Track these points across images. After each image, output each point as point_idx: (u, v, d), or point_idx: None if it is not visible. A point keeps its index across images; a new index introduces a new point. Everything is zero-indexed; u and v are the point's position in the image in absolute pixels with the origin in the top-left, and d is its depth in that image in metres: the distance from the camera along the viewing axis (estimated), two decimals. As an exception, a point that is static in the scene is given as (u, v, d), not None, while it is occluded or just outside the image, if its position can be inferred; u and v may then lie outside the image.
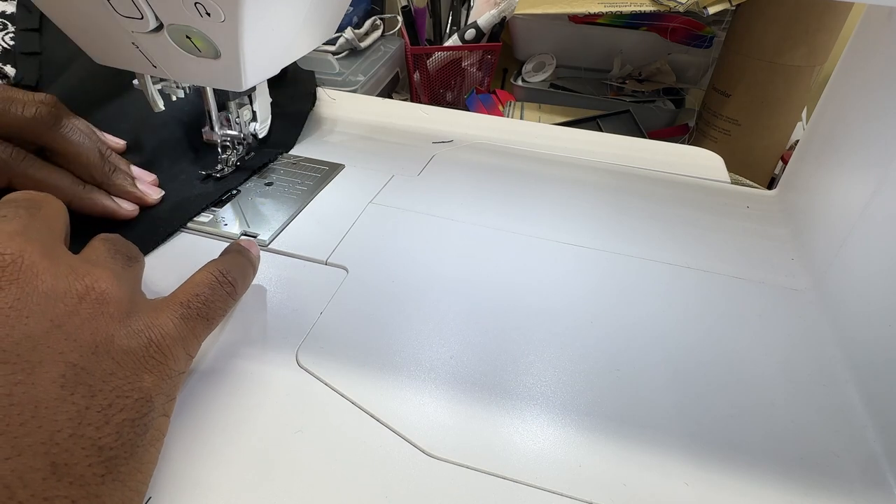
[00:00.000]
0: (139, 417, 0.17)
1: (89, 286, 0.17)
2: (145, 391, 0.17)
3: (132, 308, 0.18)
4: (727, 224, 0.38)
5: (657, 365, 0.27)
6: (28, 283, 0.16)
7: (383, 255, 0.32)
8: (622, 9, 0.69)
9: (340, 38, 0.74)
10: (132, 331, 0.18)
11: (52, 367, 0.15)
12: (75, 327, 0.16)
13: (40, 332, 0.15)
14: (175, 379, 0.19)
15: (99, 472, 0.15)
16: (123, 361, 0.17)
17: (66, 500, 0.14)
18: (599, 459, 0.22)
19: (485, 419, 0.24)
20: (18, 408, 0.14)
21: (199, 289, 0.22)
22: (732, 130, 0.75)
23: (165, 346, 0.19)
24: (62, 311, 0.16)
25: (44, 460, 0.14)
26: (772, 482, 0.22)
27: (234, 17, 0.22)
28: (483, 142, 0.46)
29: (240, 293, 0.25)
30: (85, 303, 0.17)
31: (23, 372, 0.15)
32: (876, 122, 0.31)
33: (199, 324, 0.21)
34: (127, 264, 0.21)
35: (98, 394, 0.16)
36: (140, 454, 0.17)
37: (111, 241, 0.22)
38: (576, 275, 0.32)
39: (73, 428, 0.15)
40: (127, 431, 0.16)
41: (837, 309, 0.30)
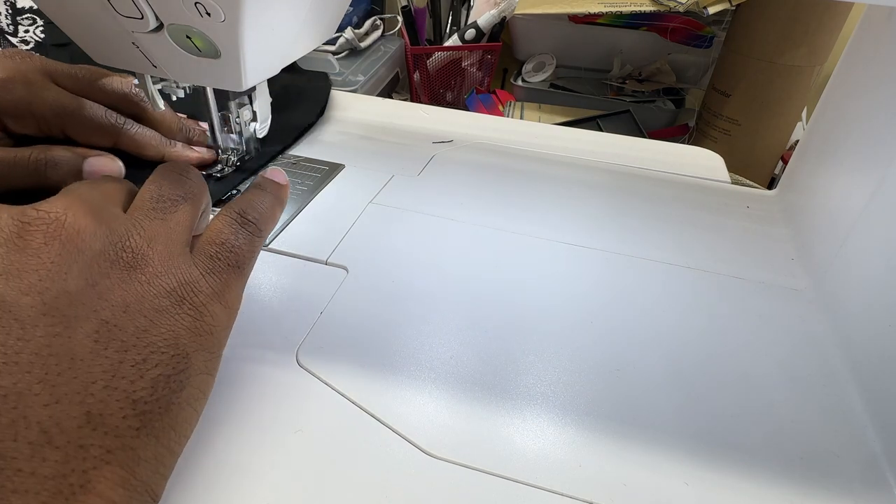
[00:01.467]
0: (174, 374, 0.17)
1: (122, 248, 0.18)
2: (181, 348, 0.17)
3: (164, 267, 0.18)
4: (727, 224, 0.38)
5: (657, 365, 0.27)
6: (69, 242, 0.17)
7: (383, 255, 0.32)
8: (622, 9, 0.69)
9: (340, 38, 0.74)
10: (163, 290, 0.18)
11: (87, 322, 0.16)
12: (107, 288, 0.17)
13: (76, 289, 0.16)
14: (216, 335, 0.19)
15: (133, 425, 0.16)
16: (156, 319, 0.17)
17: (101, 450, 0.15)
18: (599, 459, 0.22)
19: (485, 419, 0.24)
20: (56, 358, 0.15)
21: (221, 237, 0.21)
22: (732, 130, 0.75)
23: (199, 302, 0.19)
24: (96, 272, 0.17)
25: (79, 409, 0.15)
26: (772, 482, 0.22)
27: (234, 17, 0.22)
28: (483, 142, 0.46)
29: (266, 231, 0.23)
30: (116, 266, 0.17)
31: (61, 325, 0.15)
32: (876, 122, 0.31)
33: (229, 274, 0.20)
34: (171, 210, 0.20)
35: (131, 349, 0.16)
36: (175, 411, 0.17)
37: (159, 184, 0.21)
38: (576, 275, 0.32)
39: (107, 380, 0.15)
40: (161, 387, 0.16)
41: (837, 309, 0.30)
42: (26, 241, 0.16)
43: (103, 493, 0.15)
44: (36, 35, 0.48)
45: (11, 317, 0.15)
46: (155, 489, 0.17)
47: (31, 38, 0.48)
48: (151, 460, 0.16)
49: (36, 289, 0.16)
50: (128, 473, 0.15)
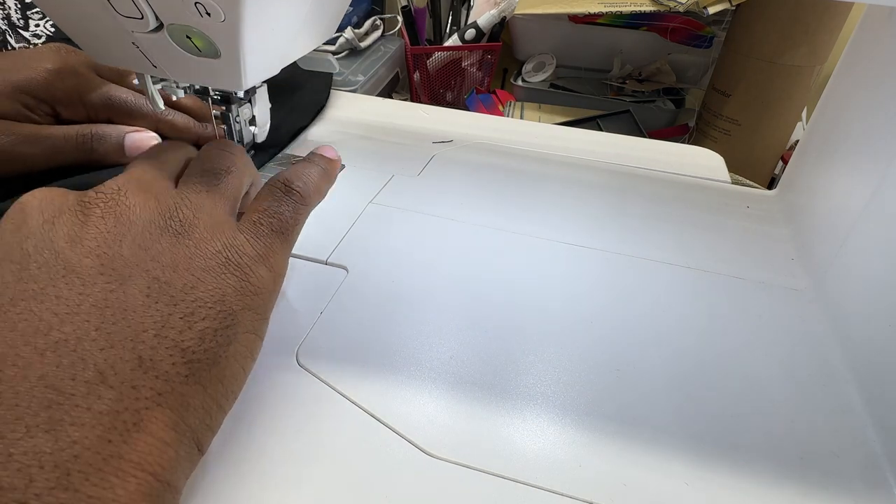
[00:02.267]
0: (221, 328, 0.18)
1: (170, 217, 0.20)
2: (227, 304, 0.19)
3: (210, 232, 0.20)
4: (727, 224, 0.38)
5: (657, 365, 0.27)
6: (122, 215, 0.19)
7: (383, 255, 0.32)
8: (622, 9, 0.69)
9: (340, 37, 0.74)
10: (209, 252, 0.19)
11: (139, 280, 0.18)
12: (157, 252, 0.19)
13: (129, 253, 0.18)
14: (261, 296, 0.20)
15: (182, 373, 0.17)
16: (203, 278, 0.19)
17: (152, 391, 0.16)
18: (599, 459, 0.22)
19: (485, 419, 0.24)
20: (111, 310, 0.17)
21: (264, 204, 0.23)
22: (732, 130, 0.75)
23: (244, 264, 0.20)
24: (147, 238, 0.19)
25: (132, 353, 0.16)
26: (772, 482, 0.22)
27: (234, 17, 0.22)
28: (483, 142, 0.46)
29: (311, 200, 0.25)
30: (166, 233, 0.19)
31: (115, 282, 0.17)
32: (876, 122, 0.31)
33: (273, 239, 0.22)
34: (215, 182, 0.22)
35: (180, 303, 0.18)
36: (222, 364, 0.18)
37: (205, 158, 0.23)
38: (576, 274, 0.32)
39: (157, 329, 0.17)
40: (209, 339, 0.18)
41: (837, 309, 0.30)
42: (87, 215, 0.19)
43: (155, 432, 0.16)
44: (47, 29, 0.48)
45: (74, 275, 0.17)
46: (202, 440, 0.18)
47: (42, 31, 0.48)
48: (199, 409, 0.18)
49: (94, 252, 0.18)
50: (177, 417, 0.17)
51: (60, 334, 0.16)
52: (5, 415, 0.14)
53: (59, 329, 0.16)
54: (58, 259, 0.17)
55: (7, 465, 0.14)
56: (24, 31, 0.47)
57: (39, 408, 0.15)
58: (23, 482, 0.14)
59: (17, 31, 0.47)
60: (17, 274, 0.17)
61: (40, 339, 0.16)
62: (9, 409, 0.15)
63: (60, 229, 0.18)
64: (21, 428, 0.14)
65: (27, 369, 0.15)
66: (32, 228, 0.18)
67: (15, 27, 0.47)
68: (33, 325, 0.16)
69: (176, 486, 0.17)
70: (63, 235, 0.18)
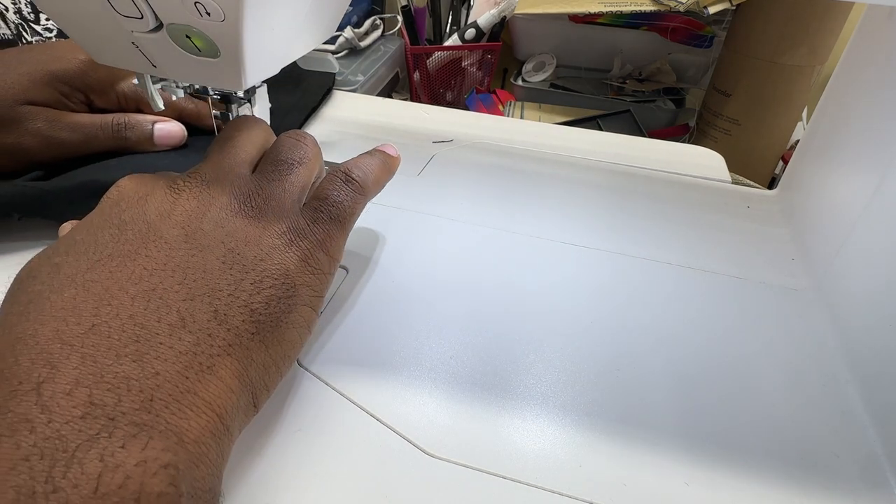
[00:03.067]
0: (284, 297, 0.21)
1: (245, 202, 0.22)
2: (290, 277, 0.21)
3: (277, 216, 0.22)
4: (727, 224, 0.38)
5: (657, 365, 0.27)
6: (204, 197, 0.22)
7: (383, 255, 0.32)
8: (622, 8, 0.69)
9: (340, 37, 0.74)
10: (276, 232, 0.22)
11: (216, 249, 0.20)
12: (233, 228, 0.21)
13: (209, 228, 0.21)
14: (319, 276, 0.23)
15: (250, 330, 0.19)
16: (271, 253, 0.21)
17: (223, 342, 0.18)
18: (599, 459, 0.22)
19: (485, 419, 0.24)
20: (192, 270, 0.19)
21: (324, 192, 0.25)
22: (733, 130, 0.75)
23: (305, 247, 0.22)
24: (224, 218, 0.21)
25: (209, 307, 0.19)
26: (772, 482, 0.22)
27: (234, 17, 0.22)
28: (483, 142, 0.46)
29: (370, 190, 0.27)
30: (240, 215, 0.22)
31: (196, 249, 0.20)
32: (876, 122, 0.31)
33: (330, 226, 0.24)
34: (287, 173, 0.24)
35: (250, 272, 0.20)
36: (283, 329, 0.21)
37: (279, 148, 0.25)
38: (576, 274, 0.32)
39: (230, 290, 0.19)
40: (273, 304, 0.20)
41: (837, 309, 0.30)
42: (175, 196, 0.22)
43: (224, 378, 0.18)
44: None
45: (163, 241, 0.20)
46: (258, 396, 0.20)
47: (53, 25, 0.49)
48: (260, 366, 0.20)
49: (180, 225, 0.21)
50: (242, 369, 0.19)
51: (149, 284, 0.18)
52: (99, 343, 0.16)
53: (147, 280, 0.19)
54: (150, 228, 0.20)
55: (99, 384, 0.16)
56: (36, 24, 0.48)
57: (129, 340, 0.17)
58: (113, 400, 0.15)
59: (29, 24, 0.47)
60: (116, 237, 0.20)
61: (132, 287, 0.18)
62: (102, 339, 0.17)
63: (152, 205, 0.21)
64: (112, 356, 0.16)
65: (120, 309, 0.18)
66: (130, 203, 0.21)
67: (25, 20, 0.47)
68: (126, 276, 0.18)
69: (232, 433, 0.18)
70: (154, 210, 0.21)
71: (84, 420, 0.15)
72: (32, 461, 0.14)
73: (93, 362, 0.16)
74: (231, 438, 0.18)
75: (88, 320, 0.17)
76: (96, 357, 0.16)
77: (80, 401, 0.15)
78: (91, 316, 0.17)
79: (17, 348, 0.16)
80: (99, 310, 0.17)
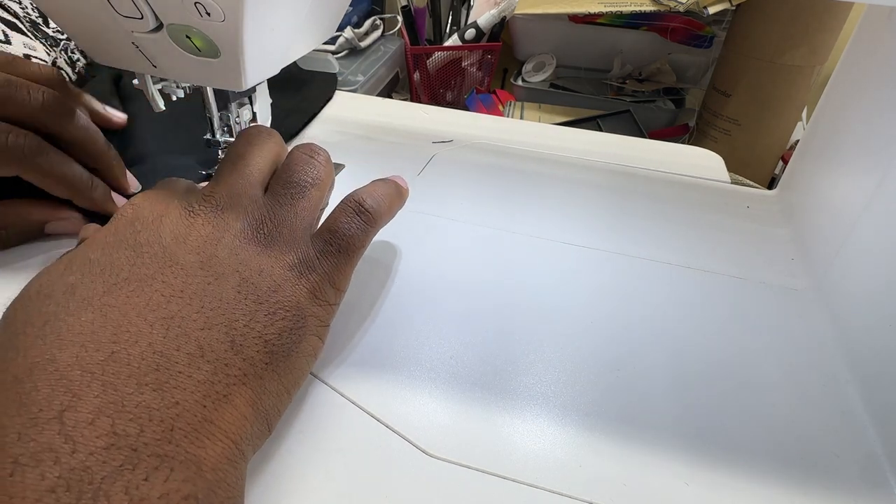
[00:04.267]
0: (295, 328, 0.21)
1: (257, 230, 0.22)
2: (301, 309, 0.21)
3: (288, 247, 0.22)
4: (727, 224, 0.38)
5: (657, 365, 0.27)
6: (221, 223, 0.22)
7: (383, 255, 0.32)
8: (622, 9, 0.69)
9: (340, 37, 0.74)
10: (287, 264, 0.22)
11: (232, 278, 0.20)
12: (246, 257, 0.21)
13: (224, 256, 0.21)
14: (325, 308, 0.23)
15: (264, 360, 0.19)
16: (283, 284, 0.21)
17: (239, 371, 0.19)
18: (599, 459, 0.22)
19: (485, 419, 0.24)
20: (210, 298, 0.19)
21: (336, 224, 0.24)
22: (732, 130, 0.75)
23: (313, 280, 0.22)
24: (237, 245, 0.21)
25: (226, 337, 0.19)
26: (772, 482, 0.22)
27: (234, 17, 0.22)
28: (483, 142, 0.46)
29: (381, 220, 0.26)
30: (253, 243, 0.22)
31: (212, 277, 0.20)
32: (876, 122, 0.31)
33: (339, 258, 0.23)
34: (299, 196, 0.24)
35: (264, 302, 0.20)
36: (294, 358, 0.21)
37: (292, 169, 0.25)
38: (576, 275, 0.32)
39: (246, 321, 0.19)
40: (286, 335, 0.20)
41: (837, 309, 0.30)
42: (191, 221, 0.21)
43: (239, 406, 0.18)
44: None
45: (179, 267, 0.20)
46: (271, 421, 0.20)
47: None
48: (273, 394, 0.20)
49: (196, 251, 0.20)
50: (256, 397, 0.19)
51: (167, 312, 0.18)
52: (119, 371, 0.16)
53: (165, 308, 0.18)
54: (165, 252, 0.20)
55: (121, 414, 0.15)
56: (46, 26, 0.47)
57: (149, 369, 0.17)
58: (135, 430, 0.15)
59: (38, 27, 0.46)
60: (133, 259, 0.20)
61: (150, 314, 0.18)
62: (122, 367, 0.16)
63: (167, 227, 0.21)
64: (133, 384, 0.16)
65: (139, 336, 0.17)
66: (145, 223, 0.21)
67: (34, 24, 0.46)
68: (144, 301, 0.18)
69: (247, 456, 0.19)
70: (169, 233, 0.21)
71: (108, 451, 0.14)
72: (59, 493, 0.13)
73: (114, 391, 0.16)
74: (246, 461, 0.18)
75: (108, 347, 0.17)
76: (117, 385, 0.16)
77: (103, 431, 0.15)
78: (110, 342, 0.17)
79: (36, 374, 0.16)
80: (118, 336, 0.17)
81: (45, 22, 0.47)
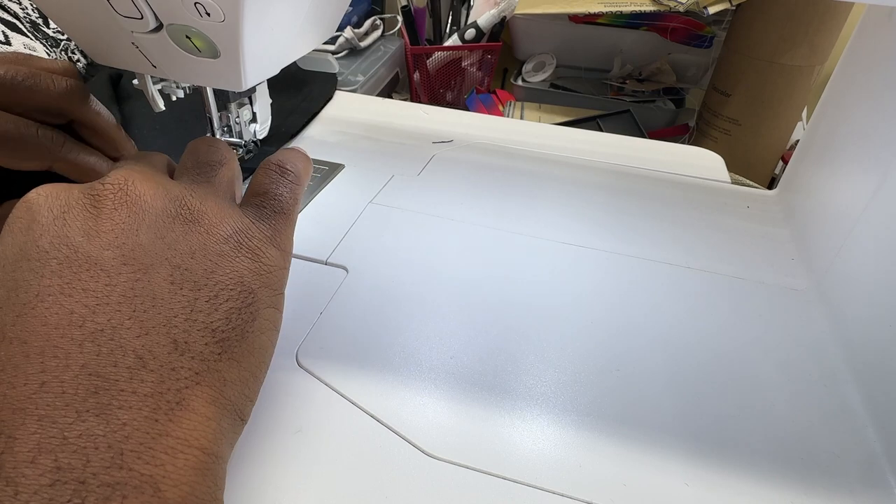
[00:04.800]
0: (244, 306, 0.19)
1: (180, 206, 0.20)
2: (246, 284, 0.20)
3: (218, 218, 0.21)
4: (727, 224, 0.38)
5: (657, 365, 0.27)
6: (135, 205, 0.19)
7: (383, 255, 0.32)
8: (622, 9, 0.69)
9: (340, 37, 0.74)
10: (221, 237, 0.20)
11: (162, 268, 0.18)
12: (173, 240, 0.19)
13: (148, 242, 0.19)
14: (274, 273, 0.21)
15: (215, 351, 0.18)
16: (220, 262, 0.19)
17: (190, 372, 0.17)
18: (599, 459, 0.22)
19: (485, 419, 0.24)
20: (140, 298, 0.17)
21: (263, 187, 0.23)
22: (733, 130, 0.75)
23: (254, 246, 0.21)
24: (161, 227, 0.19)
25: (167, 338, 0.17)
26: (772, 482, 0.22)
27: (234, 17, 0.22)
28: (483, 142, 0.46)
29: (304, 179, 0.25)
30: (178, 221, 0.20)
31: (140, 272, 0.18)
32: (876, 122, 0.31)
33: (277, 220, 0.22)
34: (212, 173, 0.23)
35: (203, 287, 0.19)
36: (250, 339, 0.19)
37: (196, 152, 0.24)
38: (576, 275, 0.32)
39: (186, 314, 0.18)
40: (235, 318, 0.19)
41: (837, 309, 0.30)
42: (99, 208, 0.19)
43: (197, 409, 0.17)
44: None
45: (98, 268, 0.17)
46: (243, 409, 0.19)
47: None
48: (237, 382, 0.19)
49: (114, 244, 0.18)
50: (217, 393, 0.18)
51: (95, 325, 0.16)
52: (54, 402, 0.15)
53: (92, 320, 0.17)
54: (77, 253, 0.18)
55: (63, 447, 0.14)
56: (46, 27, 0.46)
57: (87, 394, 0.15)
58: (80, 462, 0.14)
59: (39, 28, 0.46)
60: (38, 271, 0.17)
61: (76, 331, 0.16)
62: (57, 397, 0.15)
63: (73, 223, 0.18)
64: (72, 413, 0.15)
65: (68, 359, 0.16)
66: (45, 225, 0.18)
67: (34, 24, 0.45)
68: (66, 318, 0.16)
69: (222, 456, 0.18)
70: (77, 230, 0.18)
71: (53, 488, 0.14)
72: None
73: (52, 424, 0.15)
74: (222, 460, 0.17)
75: (36, 378, 0.15)
76: (55, 418, 0.15)
77: (46, 468, 0.14)
78: (38, 373, 0.15)
79: None
80: (45, 364, 0.15)
81: (45, 22, 0.47)
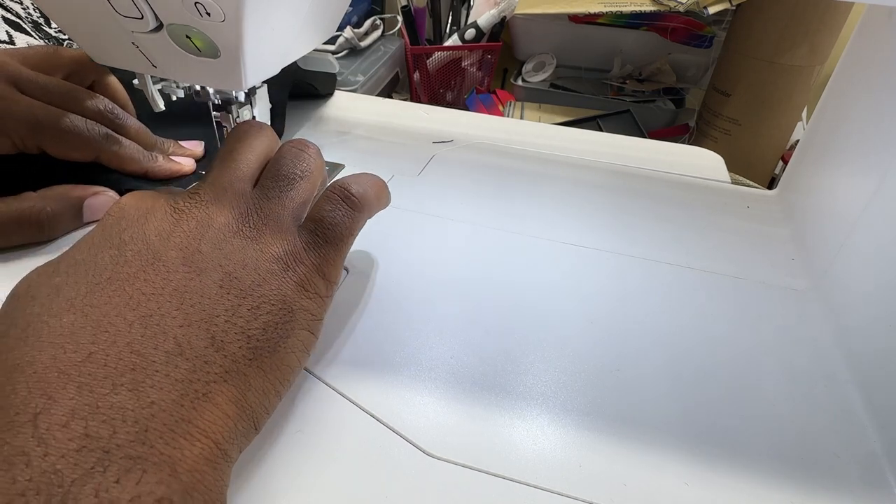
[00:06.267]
0: (281, 322, 0.20)
1: (243, 223, 0.22)
2: (287, 303, 0.21)
3: (274, 238, 0.22)
4: (727, 224, 0.38)
5: (657, 365, 0.27)
6: (203, 218, 0.22)
7: (383, 255, 0.32)
8: (622, 8, 0.69)
9: (340, 37, 0.74)
10: (272, 257, 0.22)
11: (214, 273, 0.20)
12: (230, 251, 0.21)
13: (207, 250, 0.21)
14: (316, 301, 0.22)
15: (247, 356, 0.19)
16: (268, 278, 0.21)
17: (220, 368, 0.18)
18: (599, 459, 0.22)
19: (485, 419, 0.24)
20: (190, 294, 0.19)
21: (321, 213, 0.24)
22: (733, 130, 0.75)
23: (300, 272, 0.22)
24: (221, 239, 0.21)
25: (206, 333, 0.19)
26: (772, 482, 0.22)
27: (234, 17, 0.22)
28: (483, 142, 0.46)
29: (370, 206, 0.26)
30: (238, 236, 0.22)
31: (194, 273, 0.20)
32: (876, 122, 0.31)
33: (327, 249, 0.23)
34: (287, 189, 0.24)
35: (248, 296, 0.20)
36: (281, 354, 0.20)
37: (281, 161, 0.25)
38: (576, 275, 0.32)
39: (227, 316, 0.19)
40: (271, 330, 0.20)
41: (837, 309, 0.30)
42: (176, 218, 0.21)
43: (220, 404, 0.18)
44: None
45: (161, 264, 0.20)
46: (258, 419, 0.20)
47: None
48: (259, 391, 0.19)
49: (179, 247, 0.20)
50: (240, 394, 0.19)
51: (146, 310, 0.18)
52: (96, 372, 0.16)
53: (145, 305, 0.18)
54: (149, 250, 0.20)
55: (94, 415, 0.15)
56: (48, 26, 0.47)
57: (125, 369, 0.17)
58: (108, 432, 0.15)
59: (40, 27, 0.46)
60: (116, 258, 0.20)
61: (129, 313, 0.18)
62: (99, 368, 0.16)
63: (152, 224, 0.21)
64: (108, 385, 0.16)
65: (117, 335, 0.17)
66: (130, 221, 0.21)
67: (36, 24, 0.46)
68: (125, 301, 0.18)
69: (231, 456, 0.18)
70: (154, 230, 0.21)
71: (80, 453, 0.15)
72: (28, 496, 0.14)
73: (89, 392, 0.16)
74: (231, 461, 0.18)
75: (86, 348, 0.17)
76: (93, 387, 0.16)
77: (76, 433, 0.15)
78: (89, 343, 0.17)
79: (15, 376, 0.16)
80: (97, 337, 0.17)
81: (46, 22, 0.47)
